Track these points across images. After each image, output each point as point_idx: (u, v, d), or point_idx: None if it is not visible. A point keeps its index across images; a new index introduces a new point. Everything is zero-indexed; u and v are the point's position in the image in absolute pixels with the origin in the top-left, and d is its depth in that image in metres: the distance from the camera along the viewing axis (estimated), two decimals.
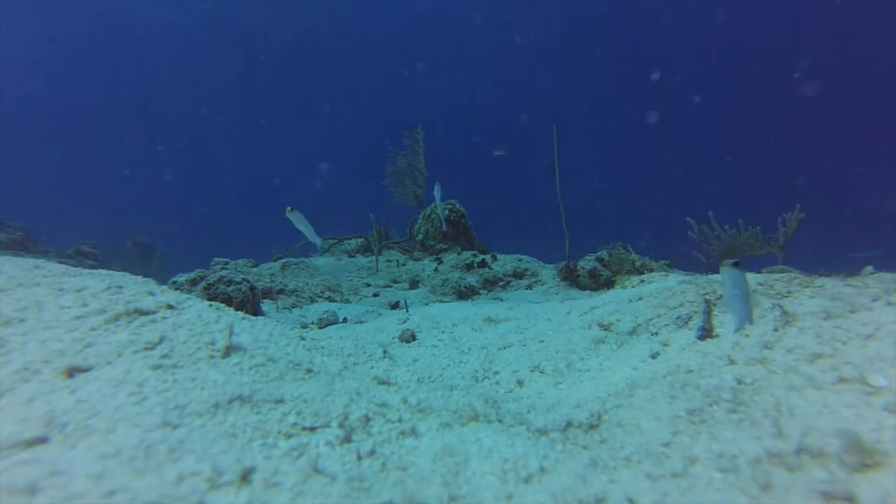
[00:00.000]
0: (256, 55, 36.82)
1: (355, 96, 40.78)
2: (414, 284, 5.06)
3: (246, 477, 0.88)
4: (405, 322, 2.94)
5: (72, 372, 1.20)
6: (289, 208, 3.27)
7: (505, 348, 2.36)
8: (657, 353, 1.88)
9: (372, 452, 1.08)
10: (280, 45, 36.26)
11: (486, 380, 1.98)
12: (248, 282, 3.14)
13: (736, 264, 1.62)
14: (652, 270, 4.26)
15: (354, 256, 6.43)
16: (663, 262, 4.60)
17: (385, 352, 2.24)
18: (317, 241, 3.68)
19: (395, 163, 7.52)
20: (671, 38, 32.54)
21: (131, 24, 31.62)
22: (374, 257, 6.04)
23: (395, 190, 7.57)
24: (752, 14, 29.75)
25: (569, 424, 1.31)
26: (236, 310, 2.13)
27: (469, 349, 2.37)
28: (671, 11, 30.50)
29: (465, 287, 4.50)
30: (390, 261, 6.11)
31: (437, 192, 5.52)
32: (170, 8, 29.85)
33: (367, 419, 1.23)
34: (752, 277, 2.61)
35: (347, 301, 4.29)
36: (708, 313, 1.84)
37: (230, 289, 3.00)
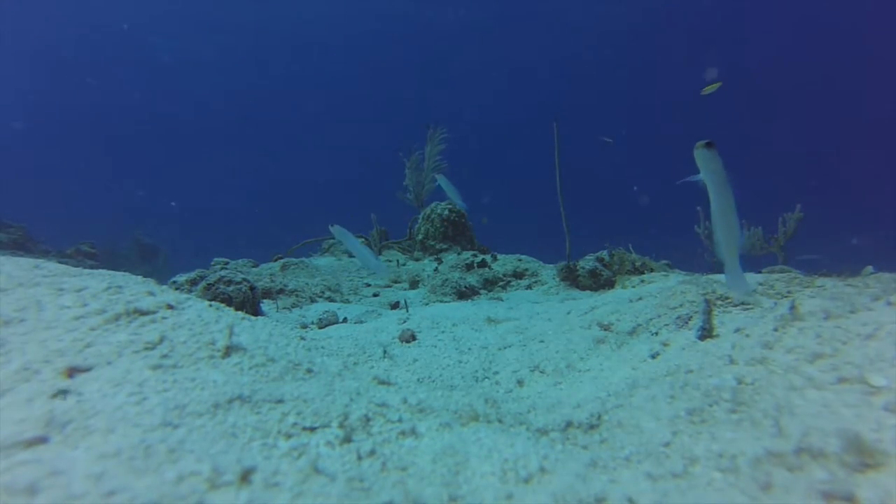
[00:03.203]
0: (255, 57, 36.82)
1: (357, 95, 40.78)
2: (414, 284, 5.06)
3: (246, 477, 0.88)
4: (405, 322, 2.94)
5: (72, 372, 1.20)
6: (331, 225, 3.41)
7: (505, 348, 2.36)
8: (657, 353, 1.88)
9: (372, 452, 1.08)
10: (281, 45, 36.27)
11: (486, 380, 1.98)
12: (248, 282, 3.14)
13: (709, 144, 1.47)
14: (652, 270, 4.26)
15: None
16: (663, 262, 4.60)
17: (385, 352, 2.24)
18: (369, 259, 3.68)
19: (411, 161, 7.50)
20: (674, 35, 32.55)
21: (133, 29, 31.72)
22: None
23: (408, 192, 7.55)
24: (749, 16, 29.79)
25: (569, 424, 1.31)
26: (236, 310, 2.13)
27: (469, 349, 2.37)
28: (678, 12, 30.58)
29: (466, 287, 4.50)
30: (390, 261, 6.11)
31: (443, 184, 5.38)
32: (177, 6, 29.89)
33: (367, 419, 1.23)
34: (752, 277, 2.61)
35: (347, 301, 4.29)
36: (708, 313, 1.84)
37: (230, 289, 3.00)
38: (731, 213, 1.58)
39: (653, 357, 1.86)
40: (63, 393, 1.09)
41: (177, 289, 3.25)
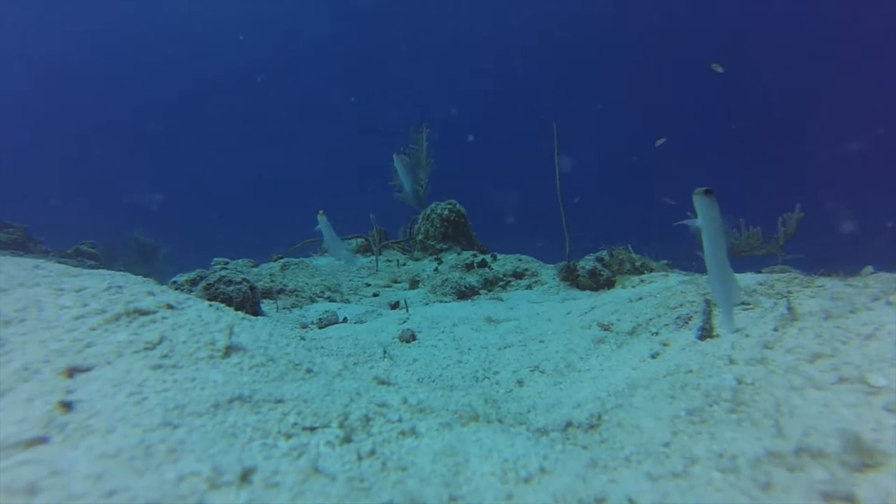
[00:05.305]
0: (253, 57, 36.85)
1: (355, 95, 40.75)
2: (414, 284, 5.06)
3: (246, 477, 0.88)
4: (405, 322, 2.94)
5: (72, 372, 1.20)
6: (321, 212, 3.40)
7: (505, 348, 2.36)
8: (657, 353, 1.88)
9: (372, 452, 1.08)
10: (282, 42, 36.30)
11: (486, 380, 1.98)
12: (248, 282, 3.14)
13: (708, 192, 1.55)
14: (652, 270, 4.26)
15: (354, 256, 6.42)
16: (663, 262, 4.60)
17: (385, 352, 2.24)
18: (341, 249, 3.69)
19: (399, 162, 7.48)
20: (675, 34, 32.49)
21: (132, 27, 31.81)
22: (374, 257, 6.03)
23: (397, 191, 7.53)
24: (753, 12, 29.81)
25: (569, 424, 1.31)
26: (236, 310, 2.14)
27: (469, 349, 2.37)
28: (680, 9, 30.56)
29: (466, 287, 4.50)
30: (390, 261, 6.11)
31: (398, 166, 5.44)
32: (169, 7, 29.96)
33: (367, 419, 1.23)
34: (752, 277, 2.61)
35: (347, 301, 4.29)
36: (708, 313, 1.84)
37: (230, 289, 3.00)
38: (724, 260, 1.67)
39: (653, 357, 1.86)
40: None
41: (177, 289, 3.25)
